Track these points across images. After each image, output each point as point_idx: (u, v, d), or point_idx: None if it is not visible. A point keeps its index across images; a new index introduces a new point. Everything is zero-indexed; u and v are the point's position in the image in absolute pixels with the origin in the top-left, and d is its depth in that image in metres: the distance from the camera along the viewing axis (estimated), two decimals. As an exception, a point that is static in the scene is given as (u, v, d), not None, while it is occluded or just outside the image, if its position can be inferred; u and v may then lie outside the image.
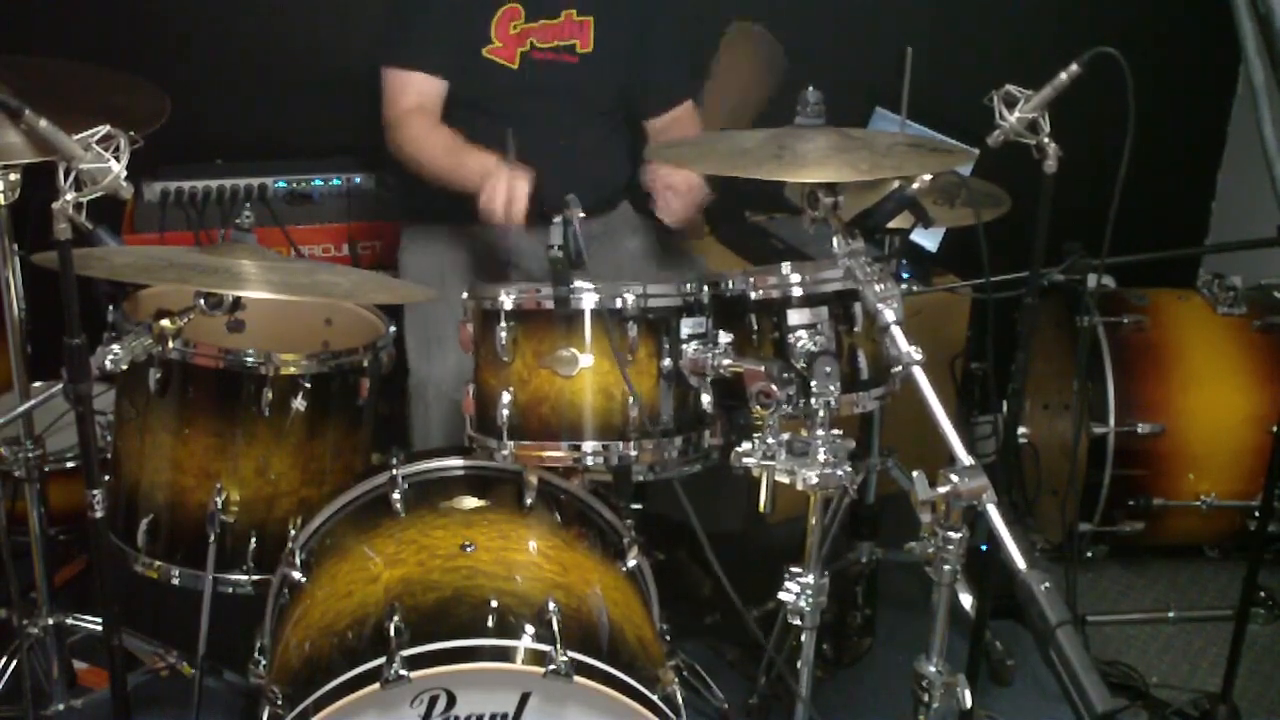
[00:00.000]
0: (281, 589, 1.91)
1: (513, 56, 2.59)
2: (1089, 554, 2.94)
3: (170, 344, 1.81)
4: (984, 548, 1.67)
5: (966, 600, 2.53)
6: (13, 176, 1.85)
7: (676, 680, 1.78)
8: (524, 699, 1.62)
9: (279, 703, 1.68)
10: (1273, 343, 2.88)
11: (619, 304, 1.87)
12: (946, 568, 1.50)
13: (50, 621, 2.16)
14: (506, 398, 1.90)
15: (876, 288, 1.64)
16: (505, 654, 1.63)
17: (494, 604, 1.70)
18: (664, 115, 2.76)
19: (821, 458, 1.64)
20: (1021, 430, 3.03)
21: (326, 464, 2.12)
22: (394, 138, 2.57)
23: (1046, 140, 1.91)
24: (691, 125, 2.78)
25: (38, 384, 2.08)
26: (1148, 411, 2.83)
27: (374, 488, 1.96)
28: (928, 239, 3.02)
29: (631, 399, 1.87)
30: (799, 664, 1.77)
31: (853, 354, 1.93)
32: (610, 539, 1.97)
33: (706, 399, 1.91)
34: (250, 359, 2.03)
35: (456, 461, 2.02)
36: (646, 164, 2.54)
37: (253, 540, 2.08)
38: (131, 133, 1.59)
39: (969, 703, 1.57)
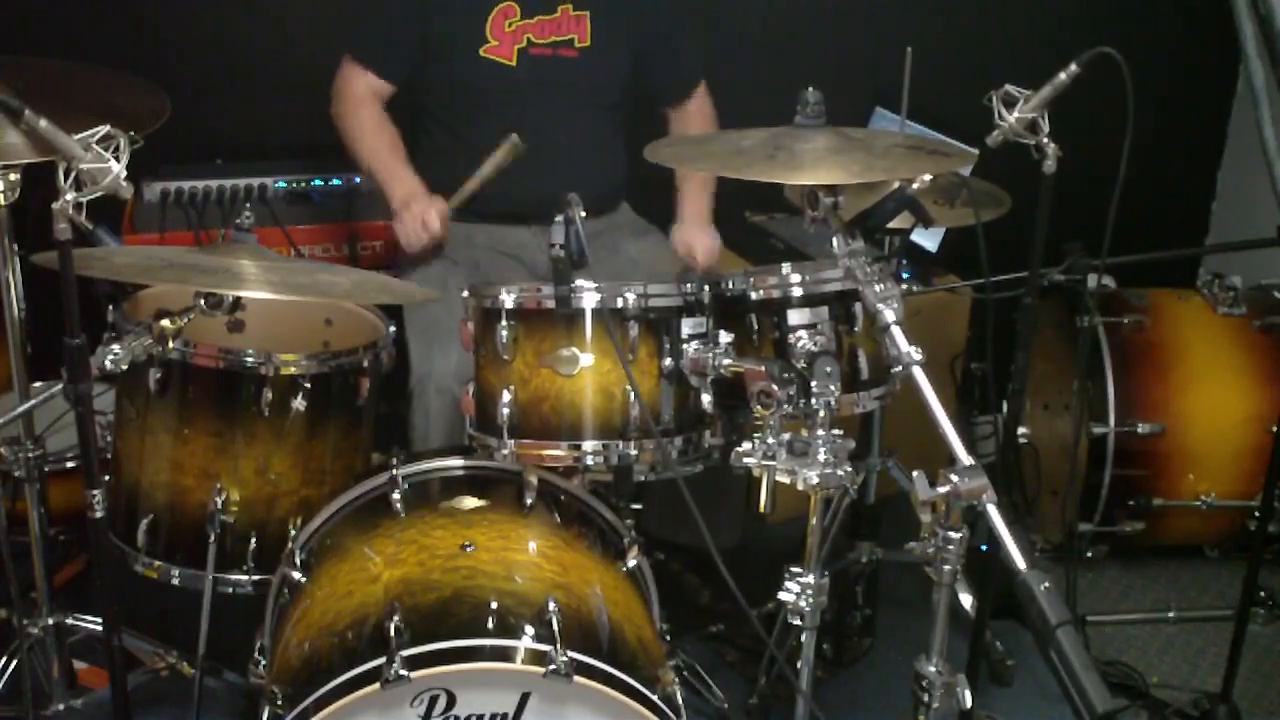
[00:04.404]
0: (281, 589, 1.91)
1: (510, 54, 2.60)
2: (1089, 554, 2.94)
3: (170, 344, 1.80)
4: (984, 548, 1.66)
5: (966, 600, 2.53)
6: (13, 176, 1.85)
7: (676, 680, 1.77)
8: (524, 699, 1.62)
9: (279, 703, 1.68)
10: (1273, 343, 2.88)
11: (620, 303, 1.87)
12: (946, 568, 1.50)
13: (50, 621, 2.16)
14: (507, 396, 1.90)
15: (876, 288, 1.63)
16: (505, 654, 1.63)
17: (494, 604, 1.70)
18: (685, 102, 2.80)
19: (822, 458, 1.64)
20: (1021, 430, 3.02)
21: (326, 464, 2.12)
22: (340, 122, 2.68)
23: (1046, 140, 1.91)
24: (706, 114, 2.83)
25: (38, 384, 2.08)
26: (1148, 411, 2.83)
27: (374, 488, 1.96)
28: (928, 239, 3.02)
29: (634, 398, 1.87)
30: (799, 664, 1.76)
31: (853, 354, 1.94)
32: (610, 539, 1.97)
33: (707, 399, 1.91)
34: (250, 359, 2.03)
35: (456, 461, 2.02)
36: (677, 237, 2.72)
37: (253, 540, 2.08)
38: (131, 133, 1.59)
39: (969, 703, 1.56)
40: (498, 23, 2.59)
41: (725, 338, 1.88)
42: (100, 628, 1.83)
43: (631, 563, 1.92)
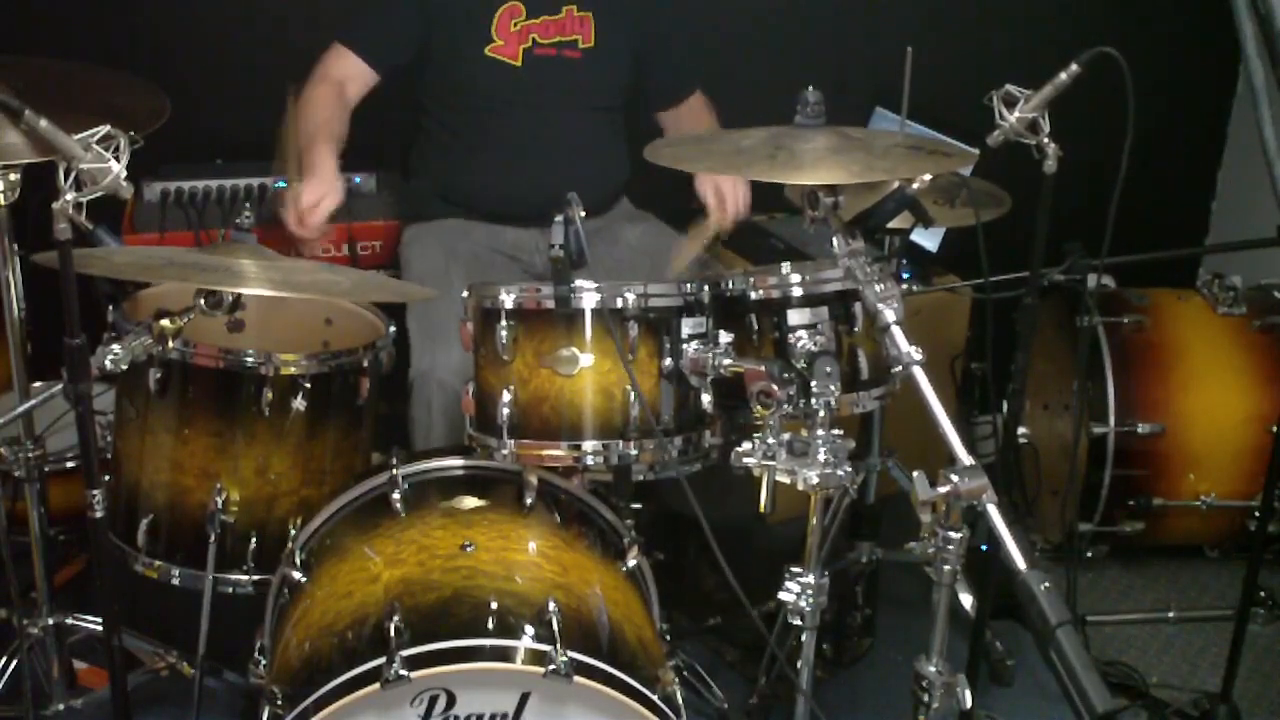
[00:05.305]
0: (281, 589, 1.91)
1: (515, 54, 2.60)
2: (1089, 554, 2.94)
3: (170, 344, 1.80)
4: (984, 548, 1.67)
5: (966, 600, 2.53)
6: (13, 176, 1.85)
7: (676, 680, 1.78)
8: (524, 699, 1.62)
9: (279, 702, 1.68)
10: (1273, 343, 2.88)
11: (620, 303, 1.87)
12: (946, 568, 1.50)
13: (50, 621, 2.16)
14: (507, 397, 1.90)
15: (876, 288, 1.63)
16: (505, 654, 1.63)
17: (494, 604, 1.70)
18: (679, 106, 2.79)
19: (821, 458, 1.64)
20: (1021, 430, 3.02)
21: (326, 464, 2.12)
22: (303, 105, 2.63)
23: (1046, 140, 1.91)
24: (703, 113, 2.81)
25: (38, 384, 2.08)
26: (1148, 411, 2.83)
27: (374, 488, 1.96)
28: (928, 239, 3.02)
29: (634, 397, 1.87)
30: (799, 664, 1.77)
31: (853, 354, 1.94)
32: (610, 539, 1.97)
33: (706, 399, 1.91)
34: (250, 359, 2.03)
35: (456, 461, 2.02)
36: (697, 178, 2.59)
37: (253, 540, 2.08)
38: (131, 133, 1.59)
39: (969, 703, 1.56)
40: (504, 22, 2.59)
41: (725, 338, 1.88)
42: (100, 628, 1.83)
43: (631, 563, 1.92)
